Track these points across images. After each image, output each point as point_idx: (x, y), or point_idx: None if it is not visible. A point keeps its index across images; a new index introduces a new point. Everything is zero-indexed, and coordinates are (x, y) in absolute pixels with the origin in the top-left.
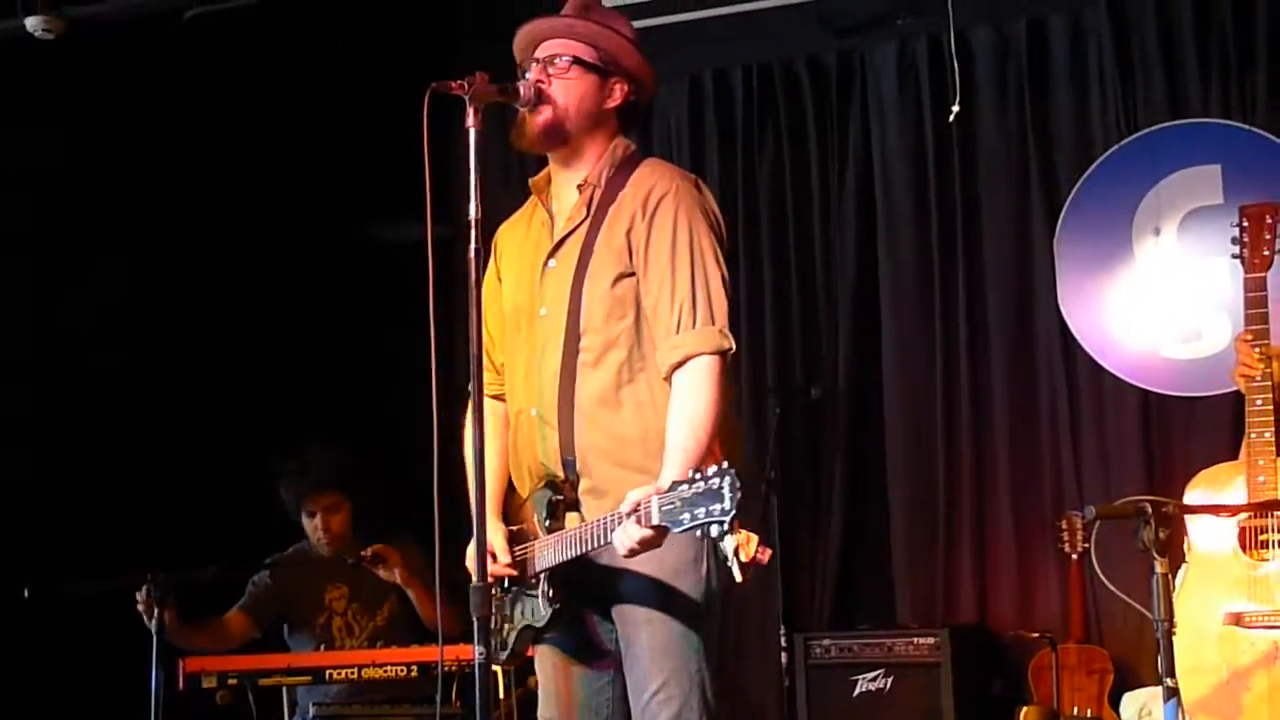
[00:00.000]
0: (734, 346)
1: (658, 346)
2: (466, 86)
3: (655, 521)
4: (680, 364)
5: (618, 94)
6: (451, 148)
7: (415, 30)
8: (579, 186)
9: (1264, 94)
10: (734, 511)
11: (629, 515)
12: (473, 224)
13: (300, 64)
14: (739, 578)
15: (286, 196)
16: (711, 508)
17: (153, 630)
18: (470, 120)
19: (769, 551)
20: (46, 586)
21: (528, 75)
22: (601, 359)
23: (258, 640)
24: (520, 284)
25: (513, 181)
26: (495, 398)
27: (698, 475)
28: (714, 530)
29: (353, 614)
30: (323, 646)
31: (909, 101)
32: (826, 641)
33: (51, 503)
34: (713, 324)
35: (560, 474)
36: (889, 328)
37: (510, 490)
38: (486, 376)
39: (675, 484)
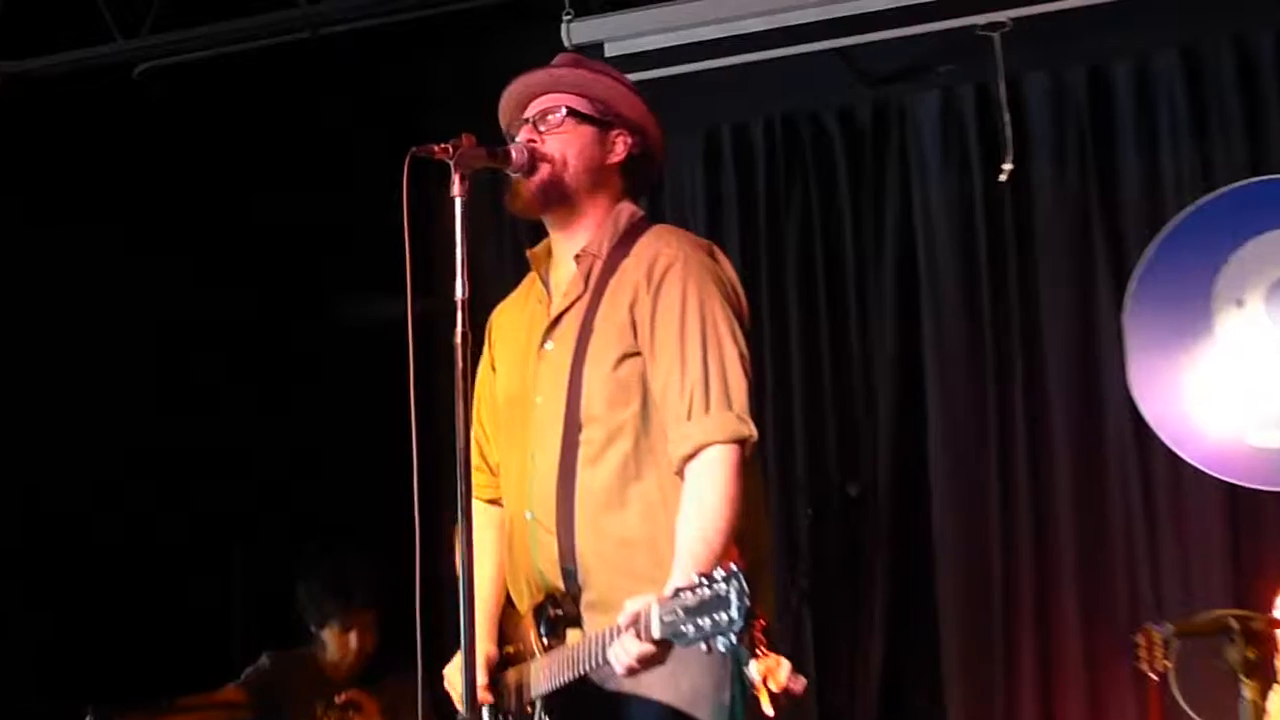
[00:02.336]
0: (755, 434)
1: (668, 436)
2: (451, 151)
3: (655, 635)
4: (692, 455)
5: (620, 147)
6: (432, 217)
7: (382, 90)
8: (577, 257)
9: None
10: (742, 622)
11: (627, 628)
12: (459, 305)
13: (262, 123)
14: (768, 710)
15: (238, 270)
16: (718, 617)
17: None
18: (456, 188)
19: (802, 681)
20: None
21: (518, 139)
22: (604, 452)
23: None
24: (514, 370)
25: (506, 254)
26: (490, 502)
27: (703, 581)
28: (720, 643)
29: None
30: None
31: (954, 158)
32: None
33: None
34: (729, 409)
35: (560, 585)
36: (936, 415)
37: (510, 605)
38: (478, 478)
39: (678, 591)
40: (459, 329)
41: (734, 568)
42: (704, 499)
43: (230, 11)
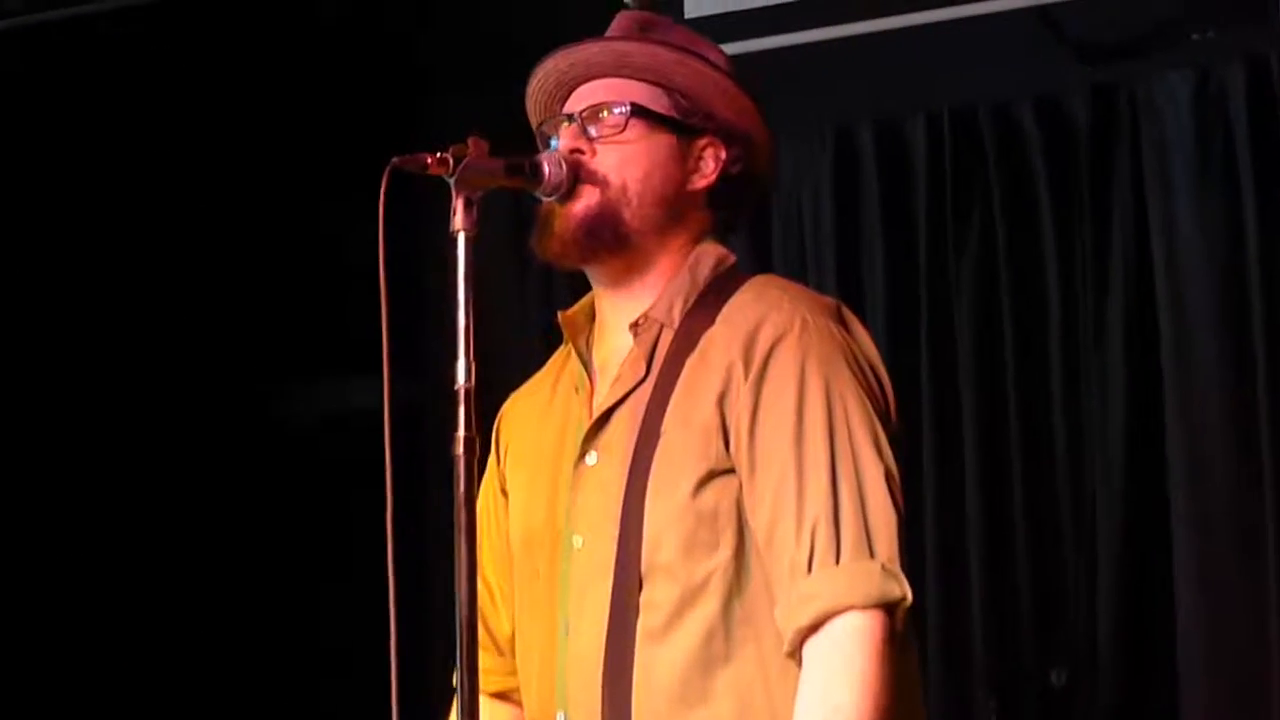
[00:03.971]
0: (909, 595)
1: (777, 597)
2: (451, 161)
3: None
4: (815, 626)
5: (710, 165)
6: (422, 262)
7: (352, 65)
8: (635, 325)
9: None
10: None
11: None
12: (461, 395)
13: (164, 110)
14: None
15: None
16: None
17: None
18: (458, 219)
19: None
20: None
21: (554, 143)
22: (677, 622)
23: None
24: (537, 495)
25: (532, 316)
26: (499, 697)
27: None
28: None
29: None
30: None
31: (1214, 161)
32: None
33: None
34: (871, 556)
35: None
36: (1187, 560)
37: None
38: (484, 660)
39: None
40: (460, 432)
41: None
42: (833, 692)
43: None
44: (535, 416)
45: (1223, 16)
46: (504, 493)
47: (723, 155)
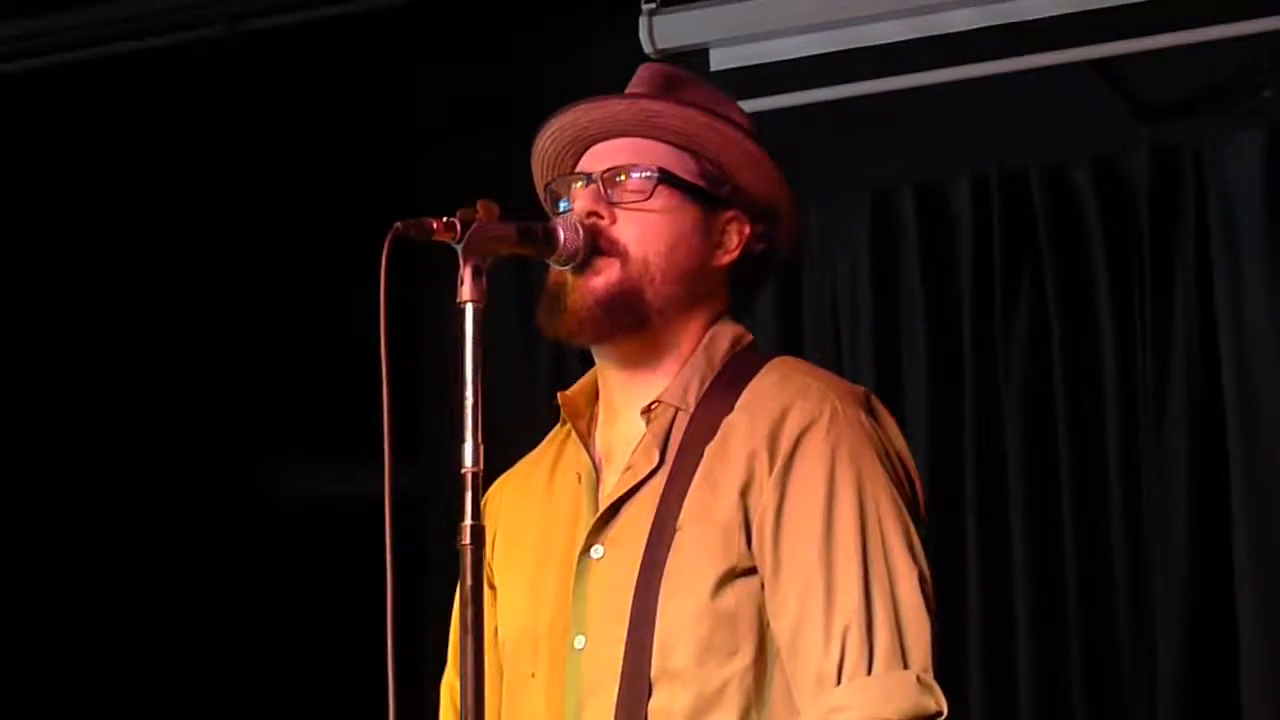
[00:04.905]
0: (945, 709)
1: (801, 708)
2: (459, 227)
3: None
4: None
5: (734, 241)
6: (422, 335)
7: (343, 116)
8: (648, 410)
9: None
10: None
11: None
12: (468, 479)
13: (136, 174)
14: None
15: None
16: None
17: None
18: (466, 288)
19: None
20: None
21: (566, 206)
22: None
23: None
24: (535, 590)
25: (540, 389)
26: None
27: None
28: None
29: None
30: None
31: None
32: None
33: None
34: (904, 667)
35: None
36: (1251, 648)
37: None
38: None
39: None
40: (467, 521)
41: None
42: None
43: None
44: (531, 504)
45: None
46: (490, 586)
47: (746, 231)
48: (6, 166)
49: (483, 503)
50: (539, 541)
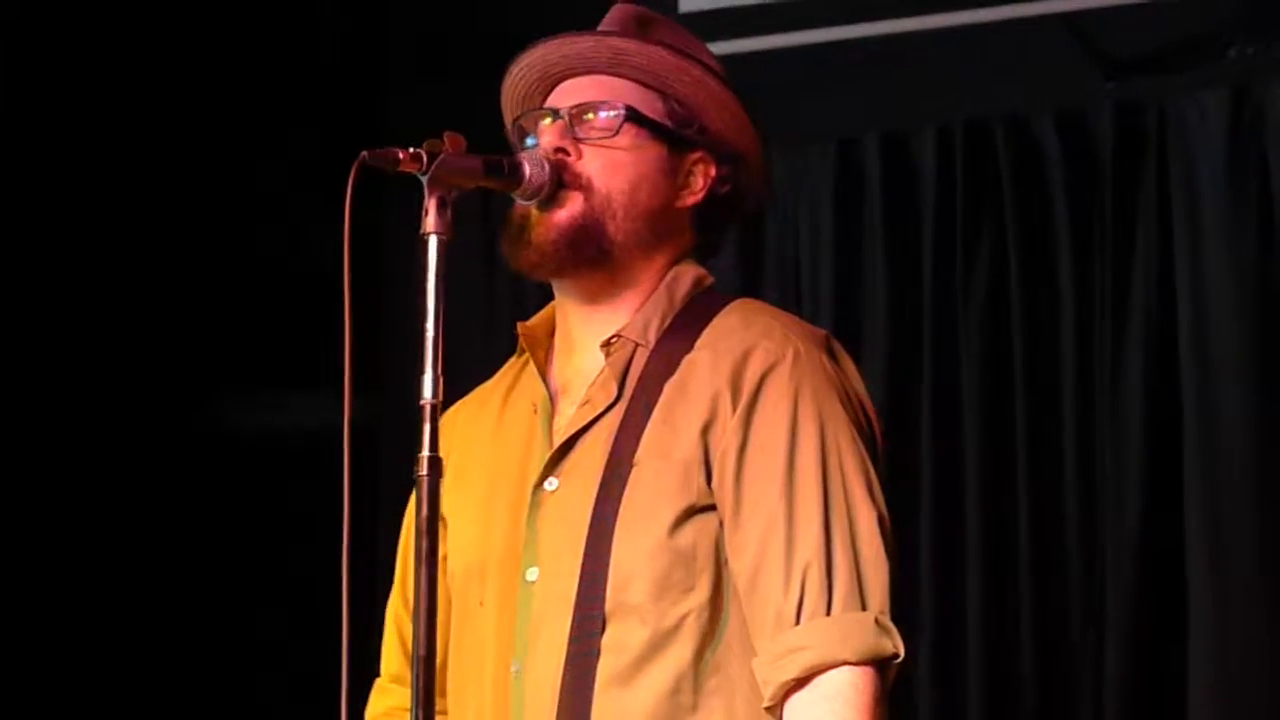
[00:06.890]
0: (902, 651)
1: (757, 647)
2: (425, 158)
3: None
4: (802, 682)
5: (698, 183)
6: (383, 269)
7: (309, 52)
8: (607, 344)
9: None
10: None
11: None
12: (427, 410)
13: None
14: None
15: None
16: None
17: None
18: (431, 220)
19: None
20: None
21: (533, 142)
22: (644, 668)
23: None
24: (487, 520)
25: (497, 328)
26: None
27: None
28: None
29: None
30: None
31: (1248, 187)
32: None
33: None
34: (863, 608)
35: None
36: (1200, 600)
37: None
38: (405, 695)
39: None
40: (424, 452)
41: None
42: None
43: None
44: (484, 433)
45: (1261, 30)
46: (442, 516)
47: (712, 173)
48: None
49: (440, 423)
50: (491, 471)
